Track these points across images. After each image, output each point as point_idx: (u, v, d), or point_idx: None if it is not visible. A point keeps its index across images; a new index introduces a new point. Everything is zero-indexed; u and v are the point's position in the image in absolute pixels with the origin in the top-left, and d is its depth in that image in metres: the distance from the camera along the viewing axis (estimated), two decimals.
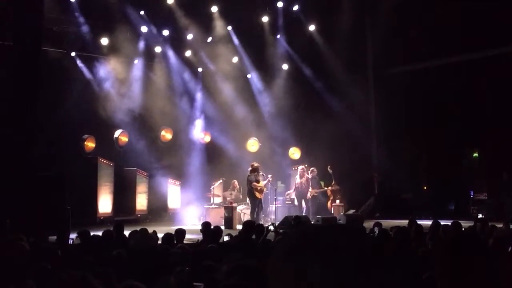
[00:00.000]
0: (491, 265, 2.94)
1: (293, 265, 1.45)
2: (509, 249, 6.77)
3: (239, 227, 16.47)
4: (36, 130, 15.50)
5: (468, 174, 20.93)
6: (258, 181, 17.91)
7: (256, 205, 17.73)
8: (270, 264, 1.49)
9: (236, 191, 19.59)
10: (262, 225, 11.72)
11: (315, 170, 19.61)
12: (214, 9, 20.91)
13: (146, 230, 9.38)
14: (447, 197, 21.22)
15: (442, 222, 10.55)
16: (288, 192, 20.11)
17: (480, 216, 17.50)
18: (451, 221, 10.47)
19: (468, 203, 19.89)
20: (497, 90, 19.21)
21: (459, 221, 9.94)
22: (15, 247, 6.18)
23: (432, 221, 10.59)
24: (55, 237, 10.07)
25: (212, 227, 10.28)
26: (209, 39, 21.37)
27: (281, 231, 12.28)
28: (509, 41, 19.27)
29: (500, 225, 10.89)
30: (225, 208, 17.94)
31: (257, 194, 17.74)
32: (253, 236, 9.44)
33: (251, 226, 10.07)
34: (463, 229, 9.44)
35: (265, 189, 18.39)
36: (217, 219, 17.60)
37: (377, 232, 10.06)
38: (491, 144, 19.82)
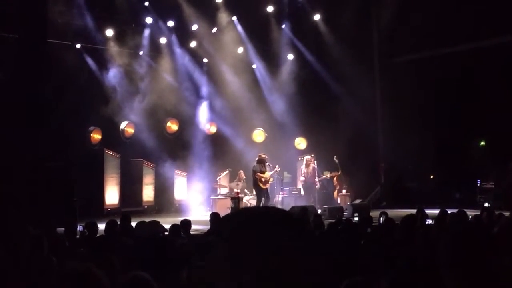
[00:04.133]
0: (498, 255, 2.93)
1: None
2: None
3: None
4: (42, 122, 15.53)
5: (475, 163, 20.86)
6: (262, 172, 17.90)
7: (262, 195, 17.73)
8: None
9: (242, 181, 19.60)
10: None
11: (313, 158, 19.59)
12: None
13: (157, 222, 9.34)
14: (454, 186, 21.16)
15: (449, 211, 10.52)
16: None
17: (486, 204, 17.44)
18: (457, 209, 10.42)
19: (475, 192, 19.83)
20: (505, 78, 19.09)
21: (465, 210, 9.89)
22: (24, 239, 6.20)
23: (439, 210, 10.55)
24: (62, 229, 10.10)
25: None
26: (214, 30, 21.33)
27: None
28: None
29: (507, 214, 10.86)
30: (232, 198, 17.96)
31: (261, 185, 17.75)
32: None
33: None
34: (469, 217, 9.42)
35: (271, 180, 18.39)
36: (223, 209, 17.62)
37: (382, 220, 10.06)
38: (498, 132, 19.73)
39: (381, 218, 13.62)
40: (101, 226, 9.37)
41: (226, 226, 1.46)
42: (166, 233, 9.48)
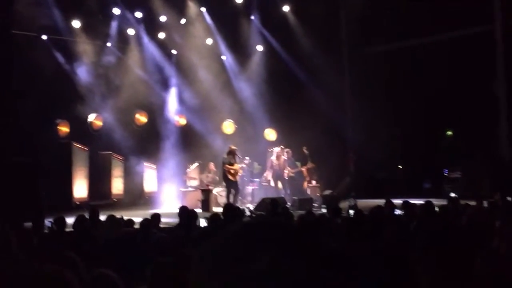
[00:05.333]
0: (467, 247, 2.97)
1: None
2: (497, 224, 6.81)
3: (216, 209, 16.53)
4: (8, 116, 15.30)
5: (442, 153, 21.13)
6: (231, 164, 17.85)
7: (232, 187, 17.70)
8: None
9: (212, 173, 19.58)
10: (238, 207, 11.75)
11: (290, 151, 19.64)
12: None
13: (113, 216, 9.25)
14: (422, 176, 21.43)
15: (417, 201, 10.67)
16: (265, 174, 20.10)
17: (452, 194, 17.69)
18: (425, 200, 10.56)
19: (442, 182, 20.10)
20: (472, 69, 19.33)
21: (431, 200, 10.01)
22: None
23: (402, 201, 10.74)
24: (30, 224, 9.98)
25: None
26: (183, 21, 21.20)
27: (258, 213, 12.36)
28: (482, 21, 19.42)
29: (473, 203, 11.04)
30: (202, 191, 17.93)
31: (230, 177, 17.69)
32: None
33: (231, 209, 10.02)
34: (436, 208, 9.54)
35: (240, 172, 18.37)
36: (193, 202, 17.61)
37: (352, 212, 10.14)
38: (465, 122, 20.00)
39: (351, 204, 13.86)
40: (70, 220, 9.27)
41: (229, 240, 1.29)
42: (136, 226, 9.43)
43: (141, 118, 21.56)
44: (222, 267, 1.21)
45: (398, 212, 10.53)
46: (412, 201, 10.92)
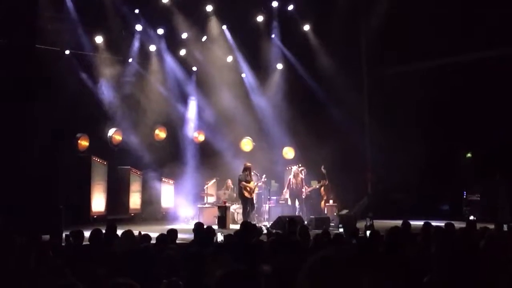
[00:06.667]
0: (484, 269, 2.96)
1: None
2: None
3: (232, 226, 16.53)
4: (32, 129, 15.45)
5: (461, 175, 20.94)
6: (247, 181, 17.89)
7: (247, 204, 17.72)
8: None
9: (229, 190, 19.59)
10: (255, 225, 11.72)
11: (304, 169, 19.58)
12: (209, 8, 20.93)
13: (129, 232, 9.23)
14: (440, 198, 21.23)
15: (435, 223, 10.57)
16: (284, 191, 20.04)
17: (471, 217, 17.50)
18: (444, 222, 10.47)
19: (461, 204, 19.90)
20: (491, 91, 19.23)
21: (453, 223, 9.92)
22: (11, 249, 6.14)
23: (423, 222, 10.60)
24: (48, 236, 10.05)
25: (204, 227, 10.23)
26: (204, 38, 21.35)
27: (274, 231, 12.31)
28: (502, 42, 19.34)
29: (492, 226, 10.91)
30: (219, 207, 17.91)
31: (246, 194, 17.72)
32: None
33: (249, 227, 10.00)
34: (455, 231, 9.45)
35: (256, 189, 18.38)
36: (210, 218, 17.61)
37: (368, 233, 10.06)
38: (485, 144, 19.84)
39: (368, 224, 13.75)
40: (87, 234, 9.30)
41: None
42: (153, 242, 9.44)
43: (161, 133, 21.66)
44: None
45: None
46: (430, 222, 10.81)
